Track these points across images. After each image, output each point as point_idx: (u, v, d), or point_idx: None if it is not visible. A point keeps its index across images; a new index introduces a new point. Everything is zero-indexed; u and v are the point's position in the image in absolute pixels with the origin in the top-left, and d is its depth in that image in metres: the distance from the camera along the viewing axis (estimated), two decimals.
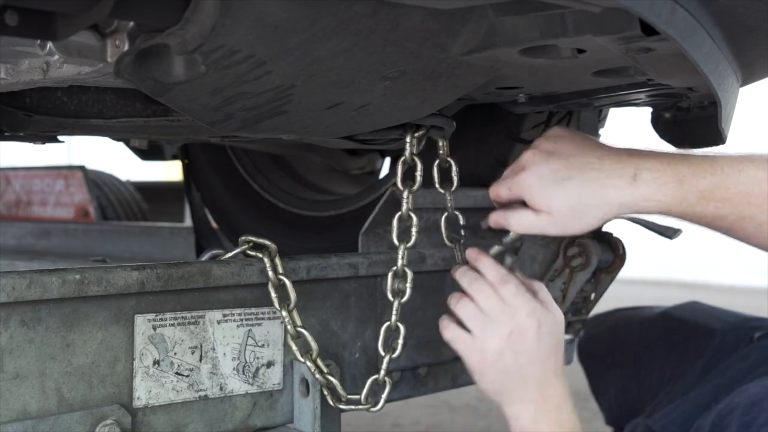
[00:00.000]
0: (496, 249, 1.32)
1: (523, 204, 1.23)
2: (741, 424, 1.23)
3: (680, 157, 1.13)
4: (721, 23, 1.04)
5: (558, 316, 1.24)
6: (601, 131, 1.83)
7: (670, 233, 1.60)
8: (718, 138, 1.51)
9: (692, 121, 1.60)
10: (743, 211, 1.11)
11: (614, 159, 1.14)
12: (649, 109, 1.68)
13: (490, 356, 1.21)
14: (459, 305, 1.24)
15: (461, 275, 1.27)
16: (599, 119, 1.78)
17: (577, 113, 1.70)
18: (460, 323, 1.25)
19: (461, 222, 1.43)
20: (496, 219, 1.28)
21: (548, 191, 1.16)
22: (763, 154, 1.14)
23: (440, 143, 1.41)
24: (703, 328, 1.79)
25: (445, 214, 1.43)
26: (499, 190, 1.26)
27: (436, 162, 1.42)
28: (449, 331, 1.25)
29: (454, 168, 1.43)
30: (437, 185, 1.42)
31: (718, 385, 1.51)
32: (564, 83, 1.32)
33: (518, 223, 1.23)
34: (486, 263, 1.25)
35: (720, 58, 1.09)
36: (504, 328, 1.19)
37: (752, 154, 1.13)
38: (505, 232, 1.30)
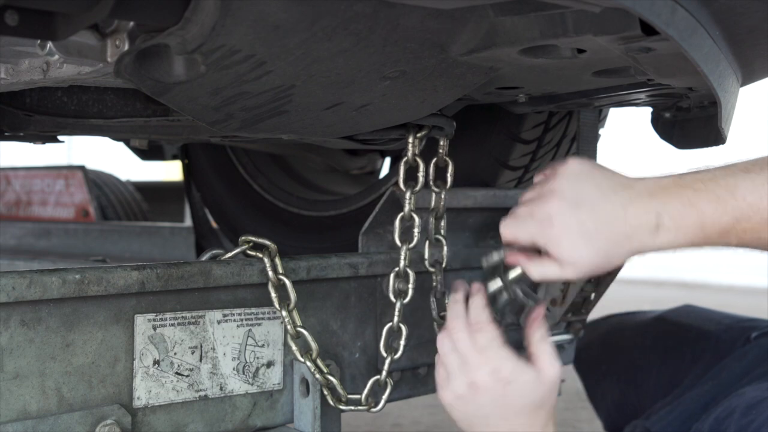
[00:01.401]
0: (497, 284, 1.23)
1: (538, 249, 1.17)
2: (739, 426, 1.23)
3: (703, 193, 1.07)
4: (721, 23, 1.04)
5: (545, 375, 1.18)
6: (601, 131, 1.83)
7: None
8: (718, 138, 1.51)
9: (692, 121, 1.60)
10: (763, 236, 1.07)
11: (637, 205, 1.09)
12: (649, 109, 1.68)
13: (450, 396, 1.21)
14: (441, 336, 1.23)
15: (451, 304, 1.24)
16: (599, 119, 1.77)
17: (577, 113, 1.70)
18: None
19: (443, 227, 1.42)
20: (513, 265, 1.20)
21: (577, 248, 1.10)
22: None
23: (441, 142, 1.41)
24: (697, 330, 1.79)
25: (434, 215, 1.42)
26: (518, 233, 1.15)
27: (434, 160, 1.42)
28: (438, 354, 1.24)
29: (450, 168, 1.42)
30: (431, 184, 1.41)
31: (715, 386, 1.51)
32: (564, 83, 1.32)
33: (541, 273, 1.15)
34: (474, 303, 1.21)
35: (720, 58, 1.09)
36: (465, 377, 1.19)
37: None
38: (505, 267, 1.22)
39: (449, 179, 1.42)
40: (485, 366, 1.17)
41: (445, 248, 1.42)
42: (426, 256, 1.41)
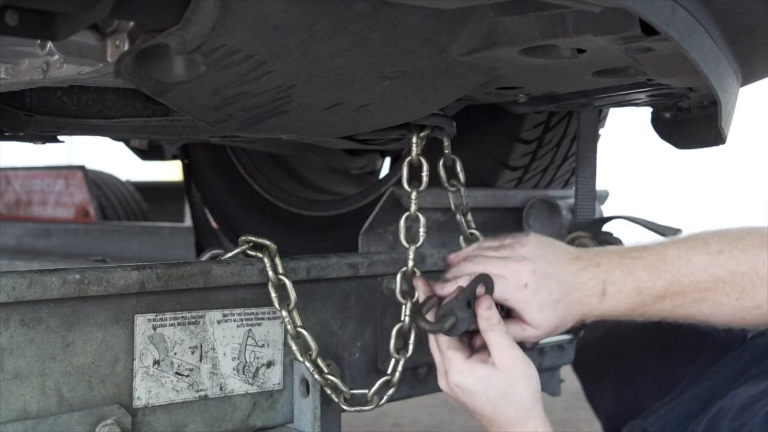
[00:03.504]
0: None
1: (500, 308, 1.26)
2: (731, 429, 1.24)
3: (639, 261, 1.24)
4: (721, 23, 1.04)
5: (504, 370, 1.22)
6: (601, 131, 1.83)
7: (669, 233, 1.60)
8: (718, 138, 1.51)
9: (692, 121, 1.60)
10: (696, 297, 1.23)
11: (588, 274, 1.25)
12: (649, 109, 1.68)
13: (449, 388, 1.25)
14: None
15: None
16: (599, 119, 1.77)
17: (577, 113, 1.70)
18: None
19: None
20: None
21: (543, 313, 1.25)
22: (701, 234, 1.27)
23: (444, 142, 1.42)
24: (695, 331, 1.79)
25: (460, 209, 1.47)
26: (496, 294, 1.25)
27: (441, 161, 1.43)
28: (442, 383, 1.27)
29: (458, 165, 1.44)
30: (445, 183, 1.43)
31: (712, 387, 1.51)
32: (564, 83, 1.32)
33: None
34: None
35: (720, 58, 1.09)
36: (460, 378, 1.23)
37: (694, 237, 1.26)
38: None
39: (460, 175, 1.45)
40: (473, 374, 1.21)
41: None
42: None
